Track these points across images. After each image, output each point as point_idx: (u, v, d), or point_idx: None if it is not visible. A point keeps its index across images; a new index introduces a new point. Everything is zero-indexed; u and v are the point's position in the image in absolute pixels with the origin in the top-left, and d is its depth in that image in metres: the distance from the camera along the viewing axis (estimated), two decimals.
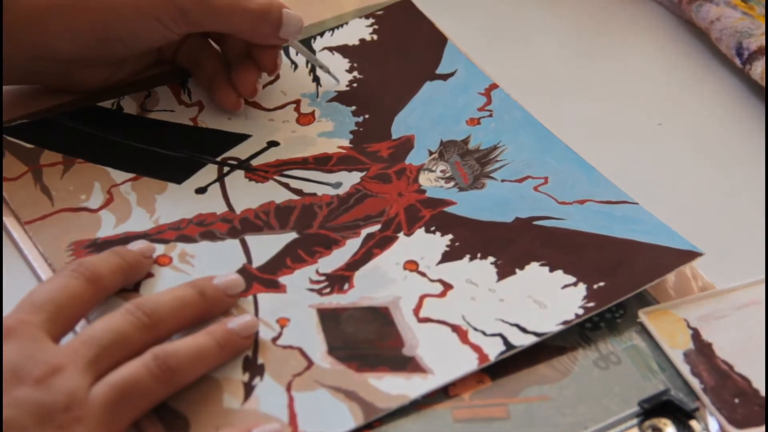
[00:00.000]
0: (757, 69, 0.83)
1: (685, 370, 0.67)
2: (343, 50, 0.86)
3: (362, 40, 0.87)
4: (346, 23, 0.88)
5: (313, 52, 0.86)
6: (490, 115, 0.81)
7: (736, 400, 0.65)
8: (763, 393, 0.66)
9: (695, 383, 0.66)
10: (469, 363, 0.67)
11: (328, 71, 0.83)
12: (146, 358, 0.63)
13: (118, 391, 0.62)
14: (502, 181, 0.77)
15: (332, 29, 0.87)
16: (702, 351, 0.68)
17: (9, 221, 0.74)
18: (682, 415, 0.65)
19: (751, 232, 0.76)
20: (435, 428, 0.65)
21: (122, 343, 0.64)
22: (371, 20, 0.88)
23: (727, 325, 0.69)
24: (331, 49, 0.86)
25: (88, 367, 0.62)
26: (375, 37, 0.87)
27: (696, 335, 0.69)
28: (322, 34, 0.87)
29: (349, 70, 0.84)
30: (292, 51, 0.86)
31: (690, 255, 0.71)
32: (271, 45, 0.81)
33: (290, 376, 0.66)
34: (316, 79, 0.84)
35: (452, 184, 0.77)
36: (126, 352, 0.64)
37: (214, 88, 0.82)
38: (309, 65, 0.85)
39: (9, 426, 0.59)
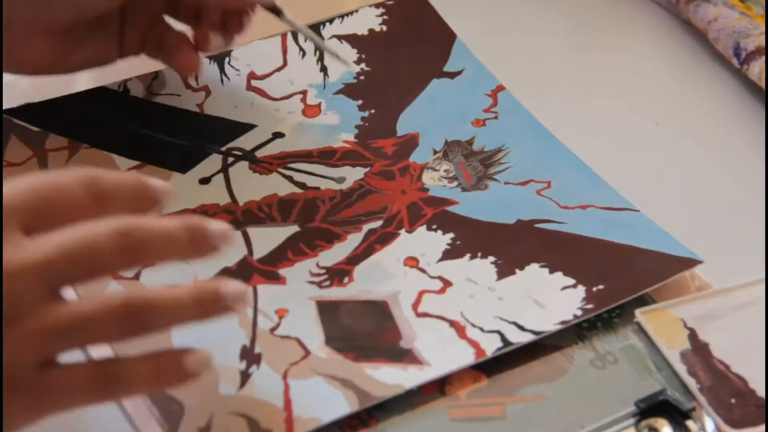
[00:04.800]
0: (754, 69, 0.83)
1: (681, 369, 0.67)
2: (352, 39, 0.86)
3: (371, 30, 0.86)
4: (356, 11, 0.87)
5: (322, 39, 0.85)
6: (496, 117, 0.81)
7: (733, 400, 0.65)
8: (759, 393, 0.66)
9: (692, 383, 0.66)
10: (466, 357, 0.67)
11: (338, 57, 0.80)
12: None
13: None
14: (505, 183, 0.77)
15: (341, 16, 0.87)
16: (699, 351, 0.68)
17: None
18: (678, 414, 0.65)
19: (750, 232, 0.76)
20: (431, 427, 0.65)
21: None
22: (381, 10, 0.87)
23: (724, 325, 0.69)
24: (339, 37, 0.86)
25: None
26: (384, 27, 0.86)
27: (693, 335, 0.68)
28: (331, 21, 0.86)
29: (357, 61, 0.84)
30: (300, 37, 0.85)
31: (689, 262, 0.71)
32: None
33: (287, 364, 0.66)
34: (324, 69, 0.84)
35: (455, 184, 0.77)
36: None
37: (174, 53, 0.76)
38: (317, 54, 0.85)
39: None
